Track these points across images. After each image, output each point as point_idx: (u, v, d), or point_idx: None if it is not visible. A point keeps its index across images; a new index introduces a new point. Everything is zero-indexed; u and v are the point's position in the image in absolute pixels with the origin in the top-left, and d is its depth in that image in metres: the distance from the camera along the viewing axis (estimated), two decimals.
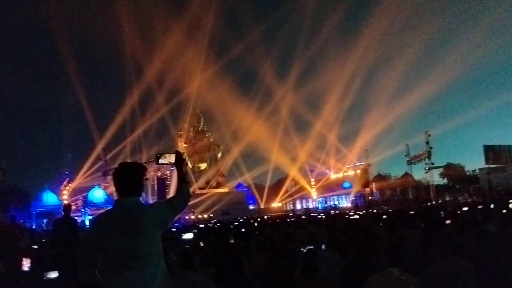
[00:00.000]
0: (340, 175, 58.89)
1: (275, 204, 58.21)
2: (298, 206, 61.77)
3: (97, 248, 2.67)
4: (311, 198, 60.95)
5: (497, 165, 47.85)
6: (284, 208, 58.42)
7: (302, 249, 5.31)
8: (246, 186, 60.46)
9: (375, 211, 25.60)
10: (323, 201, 60.43)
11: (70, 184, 47.03)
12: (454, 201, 43.83)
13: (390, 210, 22.45)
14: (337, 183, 58.28)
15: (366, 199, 49.54)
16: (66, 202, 14.23)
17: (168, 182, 50.58)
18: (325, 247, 5.97)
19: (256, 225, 13.77)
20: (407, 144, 48.84)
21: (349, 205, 52.17)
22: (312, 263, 4.52)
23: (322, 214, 24.46)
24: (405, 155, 48.98)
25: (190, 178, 47.41)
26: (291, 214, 36.71)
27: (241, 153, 57.56)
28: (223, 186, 57.62)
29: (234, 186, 60.04)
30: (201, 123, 60.28)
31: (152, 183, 51.15)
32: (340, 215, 20.58)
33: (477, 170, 56.29)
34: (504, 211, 11.75)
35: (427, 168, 46.00)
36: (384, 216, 13.92)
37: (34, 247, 10.29)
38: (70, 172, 47.78)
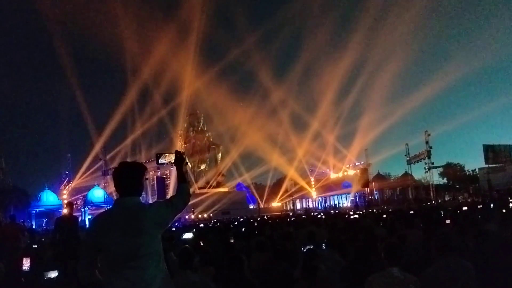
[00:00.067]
0: (340, 175, 58.94)
1: (275, 204, 58.26)
2: (298, 206, 61.81)
3: (97, 248, 2.66)
4: (311, 198, 61.00)
5: (497, 165, 47.88)
6: (284, 208, 58.43)
7: (302, 249, 5.30)
8: (246, 186, 60.49)
9: (375, 211, 25.60)
10: (323, 201, 60.48)
11: (70, 184, 47.03)
12: (454, 201, 43.90)
13: (390, 210, 22.48)
14: (337, 183, 58.32)
15: (366, 199, 49.55)
16: (69, 200, 14.19)
17: (168, 182, 50.59)
18: (325, 247, 5.97)
19: (256, 225, 13.78)
20: (407, 144, 48.88)
21: (349, 205, 52.21)
22: (312, 263, 4.52)
23: (322, 214, 24.48)
24: (405, 155, 48.98)
25: (190, 178, 47.39)
26: (291, 214, 36.72)
27: (241, 153, 57.65)
28: (223, 186, 57.64)
29: (234, 186, 60.10)
30: (201, 123, 60.26)
31: (152, 183, 51.16)
32: (340, 215, 20.59)
33: (477, 170, 56.32)
34: (504, 211, 11.76)
35: (427, 168, 45.98)
36: (384, 216, 13.94)
37: (34, 247, 10.29)
38: (70, 172, 47.83)
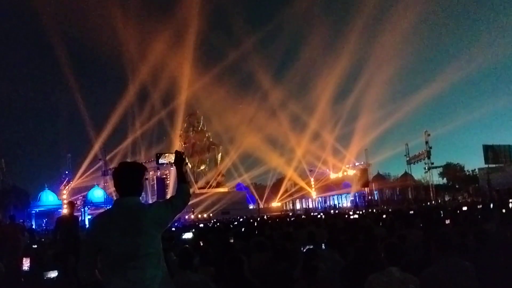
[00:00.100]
0: (340, 175, 58.92)
1: (275, 204, 58.24)
2: (298, 206, 61.80)
3: (97, 248, 2.66)
4: (311, 198, 60.99)
5: (497, 165, 47.85)
6: (284, 208, 58.42)
7: (302, 249, 5.30)
8: (246, 186, 60.48)
9: (375, 211, 25.60)
10: (323, 201, 60.48)
11: (70, 184, 47.00)
12: (454, 201, 43.91)
13: (390, 210, 22.46)
14: (337, 183, 58.31)
15: (366, 199, 49.56)
16: (70, 200, 14.25)
17: (168, 182, 50.58)
18: (325, 247, 5.97)
19: (256, 225, 13.77)
20: (407, 144, 48.88)
21: (349, 205, 52.22)
22: (312, 263, 4.52)
23: (322, 214, 24.47)
24: (405, 155, 49.00)
25: (190, 179, 47.37)
26: (291, 214, 36.72)
27: (241, 153, 57.65)
28: (223, 186, 57.61)
29: (234, 186, 60.08)
30: (201, 123, 60.21)
31: (152, 183, 51.13)
32: (340, 215, 20.59)
33: (477, 170, 56.32)
34: (504, 211, 11.76)
35: (427, 168, 45.98)
36: (384, 216, 13.93)
37: (34, 247, 10.29)
38: (70, 172, 47.78)
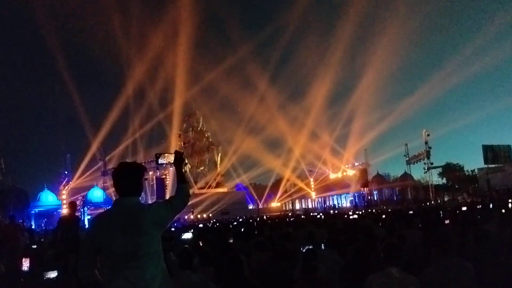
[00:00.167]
0: (339, 175, 58.92)
1: (274, 204, 58.23)
2: (298, 206, 61.79)
3: (97, 248, 2.66)
4: (310, 198, 60.98)
5: (496, 165, 47.83)
6: (283, 208, 58.40)
7: (302, 249, 5.30)
8: (245, 186, 60.44)
9: (374, 211, 25.59)
10: (322, 201, 60.47)
11: (69, 184, 46.95)
12: (453, 201, 43.86)
13: (389, 210, 22.45)
14: (337, 183, 58.30)
15: (366, 199, 49.56)
16: (71, 200, 14.25)
17: (167, 182, 50.55)
18: (325, 247, 5.97)
19: (256, 225, 13.76)
20: (406, 144, 48.90)
21: (349, 205, 52.22)
22: (312, 263, 4.52)
23: (321, 214, 24.46)
24: (404, 155, 49.01)
25: (190, 179, 47.36)
26: (290, 214, 36.70)
27: (240, 154, 57.65)
28: (222, 186, 57.59)
29: (233, 186, 60.04)
30: (200, 123, 60.16)
31: (152, 183, 51.08)
32: (340, 215, 20.58)
33: (476, 170, 56.30)
34: (503, 211, 11.76)
35: (426, 168, 45.99)
36: (383, 216, 13.92)
37: (34, 247, 10.28)
38: (69, 172, 47.71)
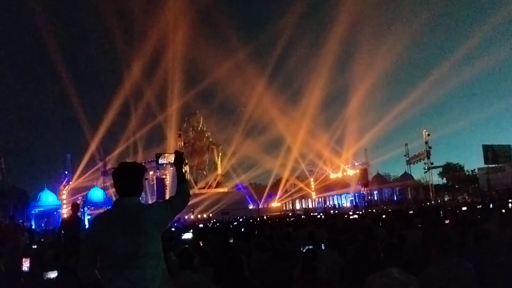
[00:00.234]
0: (340, 175, 58.91)
1: (275, 204, 58.21)
2: (298, 206, 61.78)
3: (97, 248, 2.66)
4: (311, 198, 60.97)
5: (496, 165, 47.84)
6: (284, 208, 58.40)
7: (302, 249, 5.29)
8: (245, 186, 60.42)
9: (375, 211, 25.58)
10: (323, 201, 60.45)
11: (69, 184, 46.93)
12: (453, 201, 43.87)
13: (389, 210, 22.44)
14: (337, 183, 58.30)
15: (366, 199, 49.56)
16: (74, 202, 14.30)
17: (168, 182, 50.52)
18: (325, 247, 5.97)
19: (256, 225, 13.75)
20: (406, 144, 48.93)
21: (349, 205, 52.23)
22: (312, 263, 4.51)
23: (322, 214, 24.45)
24: (404, 155, 49.03)
25: (190, 179, 47.33)
26: (291, 214, 36.70)
27: (241, 154, 57.64)
28: (223, 186, 57.57)
29: (234, 186, 60.02)
30: (200, 123, 60.12)
31: (152, 183, 51.06)
32: (340, 215, 20.58)
33: (476, 170, 56.29)
34: (503, 211, 11.75)
35: (426, 168, 45.99)
36: (384, 216, 13.92)
37: (34, 247, 10.28)
38: (69, 172, 47.69)
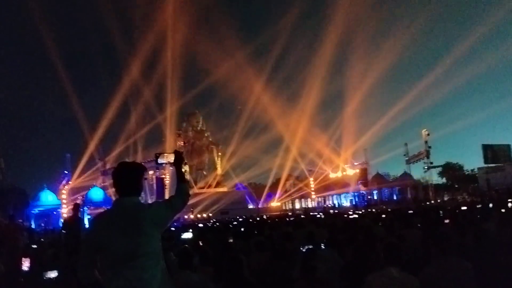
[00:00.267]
0: (339, 175, 58.90)
1: (274, 204, 58.20)
2: (297, 206, 61.78)
3: (97, 248, 2.66)
4: (310, 198, 60.95)
5: (496, 165, 47.90)
6: (283, 208, 58.40)
7: (301, 249, 5.30)
8: (245, 186, 60.42)
9: (374, 211, 25.58)
10: (322, 201, 60.45)
11: (69, 184, 46.90)
12: (453, 201, 43.86)
13: (389, 210, 22.43)
14: (336, 183, 58.30)
15: (366, 199, 49.58)
16: (76, 202, 14.35)
17: (167, 182, 50.50)
18: (324, 247, 5.97)
19: (255, 225, 13.75)
20: (406, 144, 48.94)
21: (349, 205, 52.24)
22: (311, 263, 4.52)
23: (321, 214, 24.46)
24: (404, 155, 49.03)
25: (189, 179, 47.31)
26: (290, 214, 36.71)
27: (240, 153, 57.63)
28: (222, 186, 57.56)
29: (233, 186, 60.01)
30: (200, 123, 60.07)
31: (151, 183, 51.05)
32: (339, 215, 20.58)
33: (476, 170, 56.39)
34: (503, 210, 11.76)
35: (426, 168, 46.01)
36: (383, 216, 13.91)
37: (33, 247, 10.29)
38: (69, 172, 47.66)
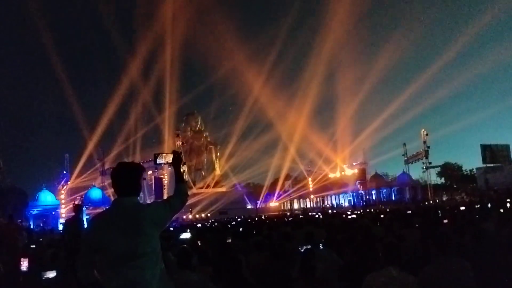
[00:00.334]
0: (338, 175, 58.95)
1: (273, 204, 58.23)
2: (296, 206, 61.80)
3: (96, 248, 2.66)
4: (309, 198, 61.00)
5: (494, 165, 47.98)
6: (282, 208, 58.41)
7: (300, 249, 5.30)
8: (243, 186, 60.45)
9: (373, 211, 25.58)
10: (321, 201, 60.51)
11: (68, 184, 46.87)
12: (452, 200, 43.92)
13: (388, 210, 22.45)
14: (335, 183, 58.34)
15: (364, 199, 49.60)
16: (76, 203, 14.32)
17: (165, 182, 50.50)
18: (323, 247, 5.97)
19: (254, 225, 13.76)
20: (405, 144, 49.01)
21: (347, 205, 52.30)
22: (310, 263, 4.52)
23: (320, 214, 24.46)
24: (403, 155, 49.10)
25: (188, 179, 47.22)
26: (289, 214, 36.72)
27: (239, 153, 57.66)
28: (221, 186, 57.56)
29: (232, 186, 60.04)
30: (198, 123, 60.08)
31: (150, 183, 51.03)
32: (338, 215, 20.59)
33: (474, 170, 56.46)
34: (502, 210, 11.77)
35: (425, 168, 46.08)
36: (382, 216, 13.93)
37: (32, 247, 10.27)
38: (68, 172, 47.62)
